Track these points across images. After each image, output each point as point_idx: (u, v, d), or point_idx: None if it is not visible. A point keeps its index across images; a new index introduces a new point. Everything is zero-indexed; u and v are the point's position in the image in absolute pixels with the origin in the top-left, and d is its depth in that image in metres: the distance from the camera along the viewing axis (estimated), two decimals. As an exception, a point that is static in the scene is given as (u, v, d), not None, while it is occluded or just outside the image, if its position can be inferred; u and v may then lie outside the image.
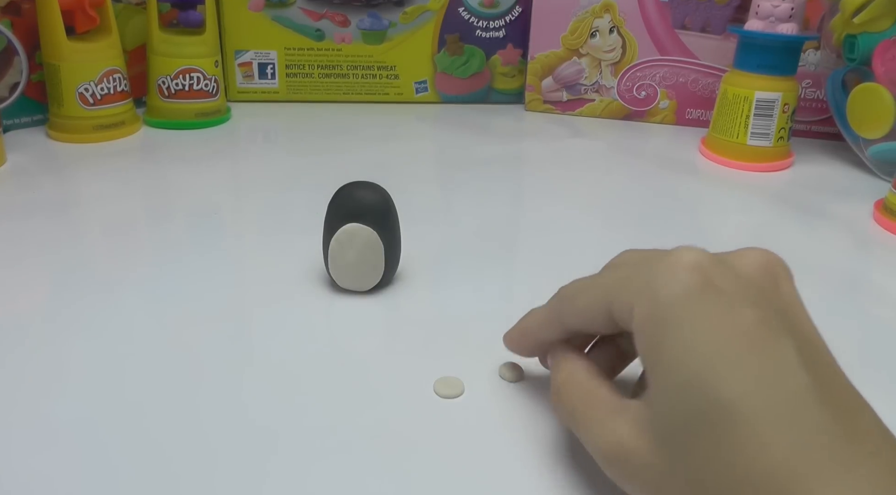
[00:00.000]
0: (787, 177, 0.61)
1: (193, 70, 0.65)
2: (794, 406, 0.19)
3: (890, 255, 0.47)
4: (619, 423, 0.23)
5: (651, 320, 0.22)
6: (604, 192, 0.56)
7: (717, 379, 0.19)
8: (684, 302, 0.21)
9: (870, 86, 0.57)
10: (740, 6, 0.68)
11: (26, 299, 0.37)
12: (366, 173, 0.42)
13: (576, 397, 0.25)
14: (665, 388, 0.21)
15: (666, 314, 0.21)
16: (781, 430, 0.18)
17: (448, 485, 0.26)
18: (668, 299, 0.21)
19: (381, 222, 0.36)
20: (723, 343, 0.20)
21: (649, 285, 0.22)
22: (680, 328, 0.21)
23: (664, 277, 0.22)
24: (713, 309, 0.21)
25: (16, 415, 0.28)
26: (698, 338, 0.20)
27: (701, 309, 0.21)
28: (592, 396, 0.24)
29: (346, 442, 0.27)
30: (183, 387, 0.30)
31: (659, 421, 0.21)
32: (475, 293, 0.39)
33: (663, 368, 0.21)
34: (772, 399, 0.19)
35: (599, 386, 0.25)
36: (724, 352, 0.20)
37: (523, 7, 0.74)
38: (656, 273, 0.22)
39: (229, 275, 0.40)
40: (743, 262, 0.23)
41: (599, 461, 0.23)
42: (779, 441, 0.18)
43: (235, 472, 0.26)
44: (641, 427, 0.22)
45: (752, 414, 0.19)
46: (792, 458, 0.18)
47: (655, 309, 0.22)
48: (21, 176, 0.54)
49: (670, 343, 0.21)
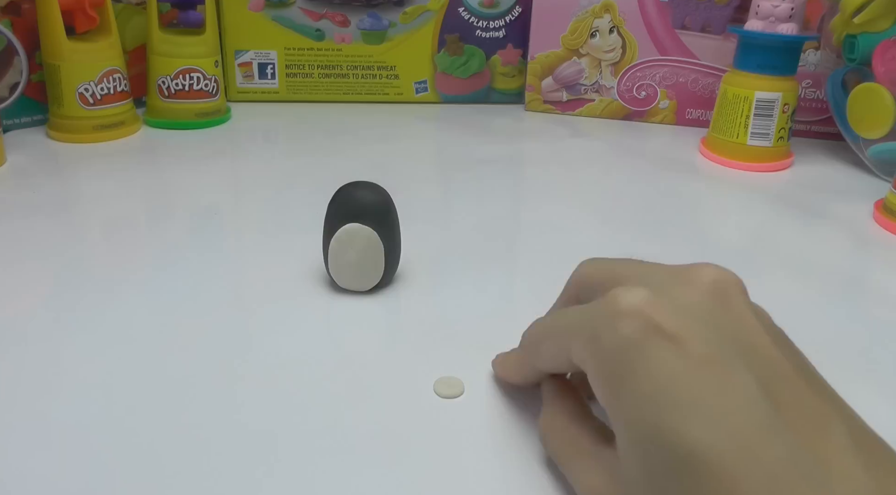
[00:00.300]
0: (787, 177, 0.61)
1: (193, 70, 0.65)
2: (758, 441, 0.18)
3: (890, 255, 0.47)
4: (594, 472, 0.23)
5: (603, 376, 0.21)
6: (604, 192, 0.56)
7: (678, 428, 0.19)
8: (629, 352, 0.21)
9: (870, 86, 0.57)
10: (740, 6, 0.68)
11: (26, 299, 0.37)
12: (366, 173, 0.42)
13: (557, 442, 0.26)
14: (629, 442, 0.21)
15: (613, 368, 0.21)
16: (749, 470, 0.18)
17: (448, 485, 0.26)
18: (612, 352, 0.21)
19: (381, 222, 0.36)
20: (677, 388, 0.19)
21: (595, 340, 0.22)
22: (629, 380, 0.20)
23: (605, 328, 0.21)
24: (659, 353, 0.20)
25: (15, 415, 0.28)
26: (650, 389, 0.20)
27: (647, 356, 0.20)
28: (570, 443, 0.25)
29: (346, 442, 0.27)
30: (182, 387, 0.30)
31: (628, 474, 0.21)
32: (475, 293, 0.39)
33: (623, 422, 0.21)
34: (734, 439, 0.18)
35: (580, 430, 0.25)
36: (680, 398, 0.19)
37: (523, 7, 0.74)
38: (598, 323, 0.22)
39: (229, 275, 0.40)
40: (688, 291, 0.22)
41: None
42: (749, 482, 0.18)
43: (235, 472, 0.26)
44: (613, 477, 0.22)
45: (717, 459, 0.18)
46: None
47: (605, 365, 0.21)
48: (21, 176, 0.54)
49: (624, 397, 0.21)
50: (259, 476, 0.26)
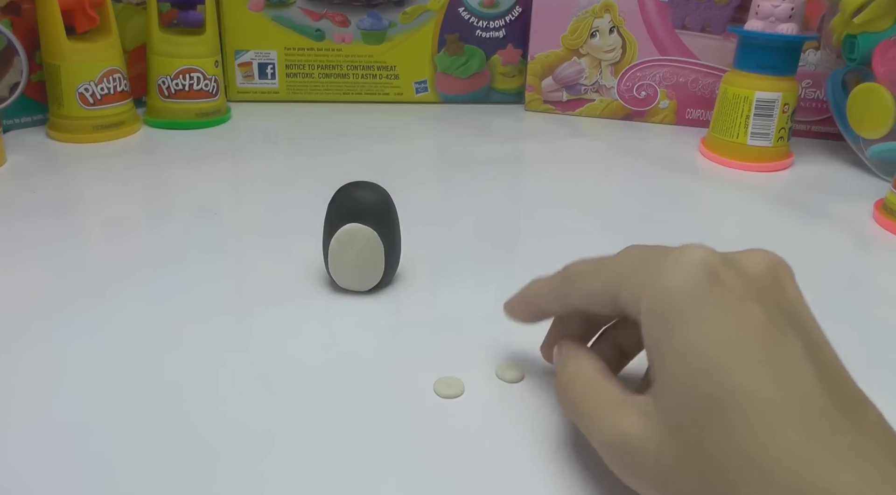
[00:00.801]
0: (787, 177, 0.61)
1: (193, 70, 0.65)
2: (801, 398, 0.19)
3: (890, 255, 0.47)
4: (625, 416, 0.23)
5: (659, 314, 0.22)
6: (604, 192, 0.56)
7: (726, 371, 0.20)
8: (692, 297, 0.22)
9: (870, 86, 0.57)
10: (740, 6, 0.68)
11: (26, 299, 0.37)
12: (366, 173, 0.42)
13: (582, 391, 0.25)
14: (674, 379, 0.21)
15: (674, 308, 0.22)
16: (789, 420, 0.19)
17: (448, 485, 0.26)
18: (676, 294, 0.22)
19: (381, 222, 0.36)
20: (731, 337, 0.20)
21: (658, 279, 0.23)
22: (688, 322, 0.21)
23: (672, 272, 0.22)
24: (721, 304, 0.21)
25: (15, 415, 0.28)
26: (707, 332, 0.21)
27: (709, 304, 0.21)
28: (598, 390, 0.25)
29: (346, 442, 0.27)
30: (182, 387, 0.30)
31: (667, 412, 0.21)
32: (475, 293, 0.39)
33: (672, 360, 0.21)
34: (780, 390, 0.19)
35: (605, 380, 0.25)
36: (733, 346, 0.20)
37: (523, 7, 0.74)
38: (664, 268, 0.23)
39: (229, 274, 0.40)
40: (748, 262, 0.24)
41: (604, 454, 0.24)
42: (787, 429, 0.19)
43: (235, 472, 0.26)
44: (649, 418, 0.22)
45: (760, 404, 0.19)
46: (800, 446, 0.19)
47: (663, 302, 0.22)
48: (21, 176, 0.54)
49: (679, 336, 0.21)
50: (259, 476, 0.26)
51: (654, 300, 0.22)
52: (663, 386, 0.22)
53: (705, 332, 0.21)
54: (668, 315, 0.22)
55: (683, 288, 0.22)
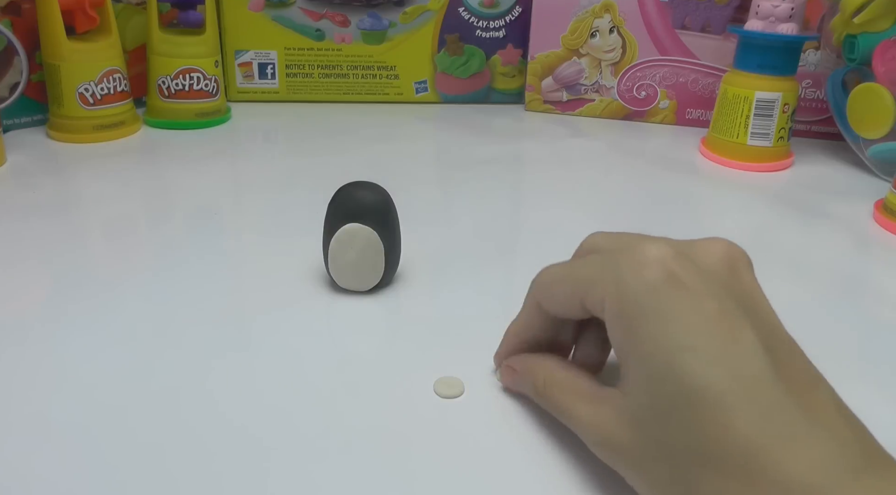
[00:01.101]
0: (787, 177, 0.61)
1: (193, 70, 0.65)
2: (754, 386, 0.21)
3: (890, 255, 0.47)
4: (601, 412, 0.24)
5: (620, 315, 0.23)
6: (604, 192, 0.56)
7: (685, 368, 0.21)
8: (650, 296, 0.23)
9: (870, 86, 0.57)
10: (740, 6, 0.68)
11: (26, 299, 0.37)
12: (366, 173, 0.42)
13: (559, 393, 0.27)
14: (638, 378, 0.23)
15: (633, 309, 0.23)
16: (744, 409, 0.20)
17: (448, 485, 0.26)
18: (634, 295, 0.23)
19: (381, 222, 0.36)
20: (688, 334, 0.22)
21: (616, 281, 0.24)
22: (648, 321, 0.22)
23: (629, 273, 0.23)
24: (677, 302, 0.22)
25: (15, 415, 0.28)
26: (665, 331, 0.22)
27: (666, 302, 0.22)
28: (574, 390, 0.26)
29: (346, 442, 0.27)
30: (182, 387, 0.30)
31: (635, 409, 0.23)
32: (475, 293, 0.39)
33: (635, 360, 0.23)
34: (735, 382, 0.21)
35: (578, 378, 0.27)
36: (688, 343, 0.21)
37: (523, 7, 0.74)
38: (623, 270, 0.24)
39: (229, 274, 0.40)
40: (705, 254, 0.25)
41: (589, 446, 0.25)
42: (742, 418, 0.20)
43: (235, 472, 0.26)
44: (620, 414, 0.23)
45: (717, 397, 0.21)
46: (754, 433, 0.20)
47: (624, 304, 0.23)
48: (21, 176, 0.54)
49: (640, 336, 0.23)
50: (259, 476, 0.26)
51: (615, 303, 0.24)
52: (630, 384, 0.23)
53: (663, 332, 0.22)
54: (628, 316, 0.23)
55: (640, 289, 0.23)
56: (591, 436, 0.25)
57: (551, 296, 0.27)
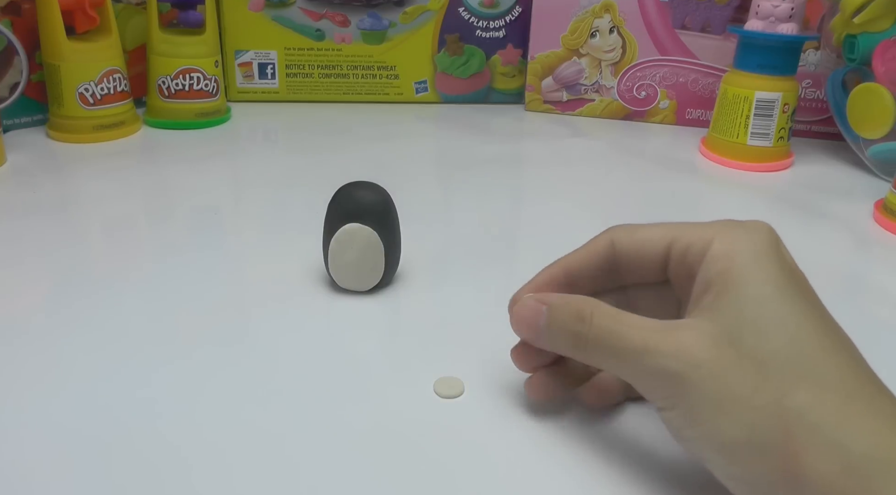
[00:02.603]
0: (787, 177, 0.61)
1: (193, 70, 0.65)
2: (814, 349, 0.22)
3: (890, 255, 0.47)
4: (673, 336, 0.23)
5: (736, 255, 0.24)
6: (604, 192, 0.56)
7: (786, 324, 0.23)
8: (768, 251, 0.24)
9: (870, 86, 0.57)
10: (740, 6, 0.68)
11: (26, 299, 0.37)
12: (366, 173, 0.42)
13: (615, 323, 0.25)
14: (738, 308, 0.23)
15: (752, 253, 0.24)
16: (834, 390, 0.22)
17: (448, 485, 0.26)
18: (754, 243, 0.24)
19: (381, 222, 0.36)
20: (792, 299, 0.23)
21: (736, 229, 0.25)
22: (762, 271, 0.23)
23: (751, 227, 0.25)
24: (784, 268, 0.24)
25: (15, 415, 0.28)
26: (776, 286, 0.23)
27: (777, 263, 0.24)
28: (631, 322, 0.25)
29: (346, 441, 0.27)
30: (182, 387, 0.30)
31: (726, 327, 0.23)
32: (475, 293, 0.39)
33: (740, 294, 0.23)
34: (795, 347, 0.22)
35: (631, 315, 0.25)
36: (773, 304, 0.23)
37: (523, 7, 0.74)
38: (740, 224, 0.25)
39: (229, 275, 0.40)
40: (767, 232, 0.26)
41: (657, 380, 0.24)
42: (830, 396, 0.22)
43: (234, 471, 0.26)
44: (703, 334, 0.23)
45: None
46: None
47: (742, 245, 0.24)
48: (21, 176, 0.54)
49: (753, 278, 0.23)
50: (259, 475, 0.26)
51: (731, 243, 0.24)
52: (726, 308, 0.23)
53: (773, 290, 0.23)
54: (748, 257, 0.24)
55: (762, 242, 0.24)
56: (666, 359, 0.23)
57: (633, 233, 0.27)
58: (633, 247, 0.27)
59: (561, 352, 0.27)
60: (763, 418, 0.21)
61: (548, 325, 0.26)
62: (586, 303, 0.26)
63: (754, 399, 0.22)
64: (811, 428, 0.21)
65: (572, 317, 0.26)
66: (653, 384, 0.24)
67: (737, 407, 0.22)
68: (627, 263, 0.28)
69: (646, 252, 0.27)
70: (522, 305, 0.27)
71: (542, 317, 0.26)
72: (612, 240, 0.28)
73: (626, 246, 0.28)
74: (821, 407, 0.21)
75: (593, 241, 0.29)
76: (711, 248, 0.25)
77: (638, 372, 0.24)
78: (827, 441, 0.20)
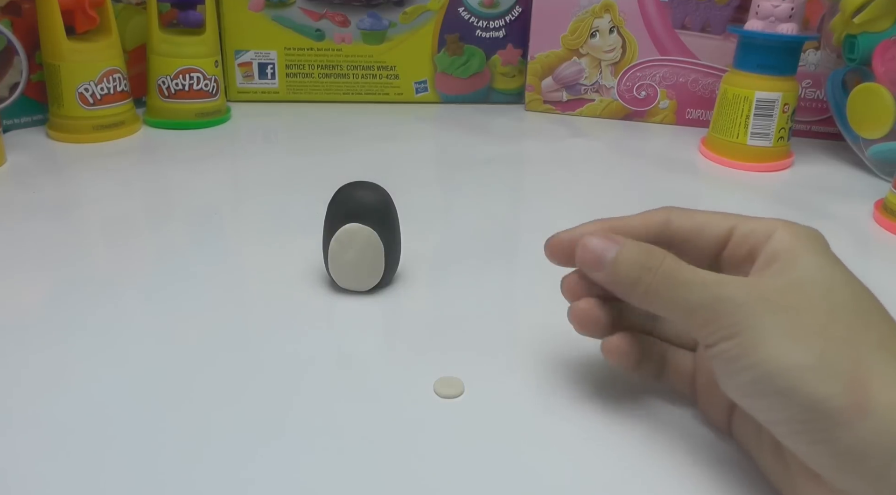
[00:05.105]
0: (787, 177, 0.61)
1: (193, 70, 0.65)
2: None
3: (890, 255, 0.47)
4: (747, 279, 0.25)
5: (800, 240, 0.25)
6: (604, 192, 0.56)
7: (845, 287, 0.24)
8: (822, 246, 0.26)
9: (870, 86, 0.57)
10: (740, 6, 0.68)
11: (26, 299, 0.37)
12: (366, 173, 0.42)
13: (680, 263, 0.25)
14: (814, 265, 0.24)
15: (810, 244, 0.25)
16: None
17: (448, 486, 0.26)
18: (811, 238, 0.25)
19: (381, 222, 0.36)
20: (842, 288, 0.24)
21: (802, 227, 0.26)
22: (818, 257, 0.25)
23: (811, 229, 0.26)
24: (834, 261, 0.25)
25: (16, 415, 0.28)
26: (837, 268, 0.25)
27: (828, 255, 0.25)
28: (687, 267, 0.25)
29: (346, 442, 0.27)
30: (182, 387, 0.30)
31: (796, 279, 0.24)
32: (475, 293, 0.39)
33: (811, 259, 0.24)
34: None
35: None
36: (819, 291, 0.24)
37: (523, 7, 0.74)
38: (802, 225, 0.26)
39: (229, 274, 0.40)
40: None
41: (721, 308, 0.24)
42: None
43: (234, 471, 0.26)
44: (783, 281, 0.24)
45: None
46: None
47: (807, 238, 0.25)
48: (21, 176, 0.54)
49: (807, 264, 0.24)
50: (259, 475, 0.26)
51: (796, 234, 0.25)
52: (796, 269, 0.24)
53: (835, 268, 0.25)
54: (809, 244, 0.25)
55: (819, 238, 0.26)
56: (736, 289, 0.24)
57: (691, 216, 0.28)
58: (693, 227, 0.28)
59: (619, 287, 0.27)
60: (835, 346, 0.22)
61: (618, 259, 0.26)
62: (659, 248, 0.26)
63: (827, 330, 0.22)
64: (882, 363, 0.21)
65: (645, 254, 0.26)
66: (714, 313, 0.24)
67: (806, 336, 0.22)
68: (682, 243, 0.28)
69: (707, 233, 0.28)
70: (593, 238, 0.27)
71: (612, 250, 0.27)
72: (668, 220, 0.28)
73: (685, 225, 0.28)
74: (890, 348, 0.22)
75: (648, 214, 0.29)
76: (776, 234, 0.26)
77: (700, 302, 0.24)
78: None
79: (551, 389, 0.31)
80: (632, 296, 0.26)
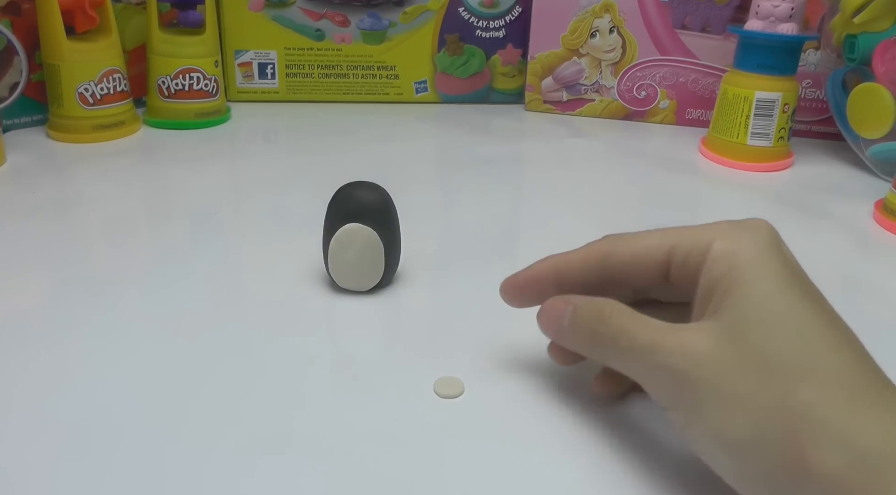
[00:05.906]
0: (787, 177, 0.61)
1: (193, 70, 0.65)
2: (820, 344, 0.22)
3: (890, 255, 0.47)
4: (685, 336, 0.24)
5: (738, 254, 0.24)
6: (604, 192, 0.56)
7: (796, 293, 0.23)
8: (769, 251, 0.24)
9: (870, 86, 0.57)
10: (740, 6, 0.68)
11: (26, 299, 0.37)
12: (366, 173, 0.42)
13: (628, 320, 0.25)
14: (742, 308, 0.23)
15: (754, 253, 0.24)
16: (818, 364, 0.22)
17: (448, 486, 0.26)
18: (756, 244, 0.24)
19: (381, 222, 0.36)
20: (795, 301, 0.23)
21: (736, 229, 0.25)
22: (766, 271, 0.24)
23: (752, 226, 0.25)
24: (787, 267, 0.24)
25: (16, 416, 0.28)
26: (778, 288, 0.23)
27: (779, 263, 0.24)
28: (645, 320, 0.25)
29: (346, 442, 0.27)
30: (182, 387, 0.30)
31: (734, 324, 0.23)
32: (475, 293, 0.39)
33: (744, 294, 0.23)
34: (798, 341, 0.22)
35: (646, 317, 0.26)
36: (779, 301, 0.23)
37: (523, 7, 0.74)
38: (740, 224, 0.25)
39: (229, 274, 0.40)
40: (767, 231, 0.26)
41: (662, 377, 0.24)
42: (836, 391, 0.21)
43: (234, 471, 0.26)
44: (709, 333, 0.23)
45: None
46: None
47: (744, 245, 0.24)
48: (21, 176, 0.54)
49: (756, 278, 0.23)
50: (259, 475, 0.26)
51: (732, 243, 0.24)
52: (730, 308, 0.23)
53: (777, 288, 0.23)
54: (749, 257, 0.24)
55: (763, 240, 0.24)
56: (673, 360, 0.24)
57: (628, 243, 0.28)
58: (632, 258, 0.27)
59: (581, 350, 0.28)
60: (767, 415, 0.21)
61: (571, 324, 0.27)
62: (606, 303, 0.26)
63: (758, 397, 0.22)
64: (817, 424, 0.21)
65: (594, 316, 0.26)
66: (658, 382, 0.24)
67: (740, 405, 0.22)
68: (626, 274, 0.28)
69: (645, 262, 0.27)
70: (550, 304, 0.29)
71: (566, 317, 0.28)
72: (607, 254, 0.28)
73: (624, 257, 0.28)
74: (826, 403, 0.21)
75: (587, 250, 0.29)
76: (712, 250, 0.25)
77: (645, 369, 0.25)
78: (833, 436, 0.20)
79: (551, 389, 0.31)
80: (593, 357, 0.27)
